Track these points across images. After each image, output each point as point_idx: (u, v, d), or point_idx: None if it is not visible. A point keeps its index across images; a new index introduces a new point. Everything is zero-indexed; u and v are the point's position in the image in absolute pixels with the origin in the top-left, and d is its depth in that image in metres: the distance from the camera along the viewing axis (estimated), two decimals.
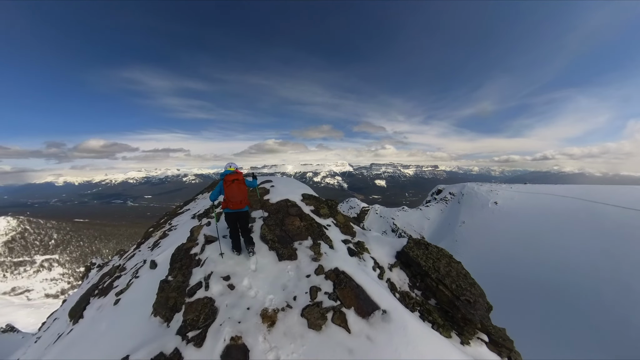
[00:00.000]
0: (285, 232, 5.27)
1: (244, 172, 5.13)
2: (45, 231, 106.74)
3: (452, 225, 23.61)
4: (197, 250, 5.05)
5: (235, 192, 4.62)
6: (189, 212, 11.13)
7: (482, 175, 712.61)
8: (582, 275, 12.48)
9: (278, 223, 5.56)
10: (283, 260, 4.62)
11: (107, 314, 5.42)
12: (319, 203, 6.93)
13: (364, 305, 3.57)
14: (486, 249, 18.58)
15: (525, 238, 17.45)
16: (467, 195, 26.06)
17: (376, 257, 5.49)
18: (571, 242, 15.14)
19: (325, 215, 6.47)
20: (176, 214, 12.28)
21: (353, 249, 5.44)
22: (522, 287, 13.75)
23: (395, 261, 5.49)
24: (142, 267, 6.47)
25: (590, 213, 16.63)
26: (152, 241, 8.64)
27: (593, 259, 12.94)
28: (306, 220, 5.71)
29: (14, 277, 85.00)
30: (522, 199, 22.13)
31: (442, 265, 5.02)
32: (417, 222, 28.45)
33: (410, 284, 5.06)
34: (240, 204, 4.67)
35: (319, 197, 7.47)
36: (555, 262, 14.20)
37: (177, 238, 7.01)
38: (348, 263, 4.52)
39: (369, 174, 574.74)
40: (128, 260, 8.23)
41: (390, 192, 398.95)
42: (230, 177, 4.68)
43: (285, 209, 6.14)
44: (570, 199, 19.34)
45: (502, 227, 19.61)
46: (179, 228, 8.33)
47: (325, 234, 5.44)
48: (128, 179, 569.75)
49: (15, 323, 35.95)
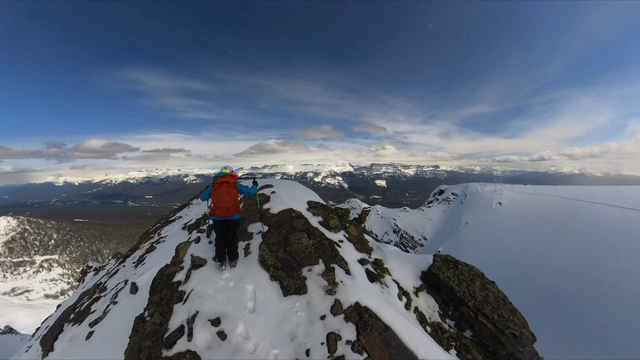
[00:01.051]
0: (291, 255, 4.30)
1: (243, 173, 4.46)
2: (45, 231, 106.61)
3: (455, 226, 23.27)
4: (181, 277, 4.11)
5: (222, 196, 4.03)
6: (180, 220, 10.31)
7: (485, 175, 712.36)
8: (586, 277, 12.23)
9: (281, 241, 4.62)
10: (289, 294, 3.62)
11: (78, 351, 4.80)
12: (327, 213, 5.89)
13: (397, 356, 2.81)
14: (491, 250, 18.27)
15: (530, 239, 17.16)
16: (470, 195, 25.72)
17: (399, 280, 4.61)
18: (575, 243, 14.91)
19: (335, 228, 5.45)
20: (168, 221, 11.55)
21: (372, 271, 4.53)
22: (527, 289, 13.47)
23: (421, 284, 4.65)
24: (122, 289, 5.71)
25: (592, 214, 16.39)
26: (138, 255, 7.96)
27: (597, 261, 12.70)
28: (315, 237, 4.75)
29: (13, 278, 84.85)
30: (526, 199, 21.81)
31: (477, 288, 4.25)
32: (419, 222, 28.13)
33: (440, 311, 4.27)
34: (227, 211, 4.04)
35: (327, 205, 6.43)
36: (560, 264, 13.93)
37: (163, 254, 6.16)
38: (370, 294, 3.70)
39: (370, 174, 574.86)
40: (110, 277, 7.58)
41: (391, 192, 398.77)
42: (219, 180, 4.13)
43: (289, 222, 5.13)
44: (573, 201, 19.07)
45: (507, 228, 19.27)
46: (168, 241, 7.56)
47: (338, 254, 4.51)
48: (129, 179, 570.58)
49: (15, 323, 35.73)
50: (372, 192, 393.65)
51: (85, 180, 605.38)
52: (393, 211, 32.51)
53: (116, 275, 7.41)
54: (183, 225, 8.24)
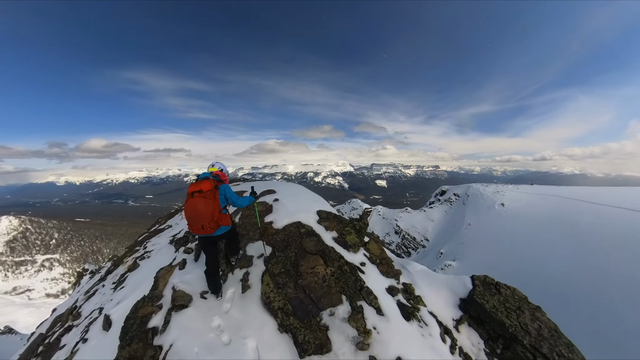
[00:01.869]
0: (304, 291, 3.22)
1: (244, 173, 3.53)
2: (46, 231, 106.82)
3: (457, 227, 23.20)
4: (158, 322, 3.11)
5: (194, 210, 2.97)
6: (169, 230, 8.75)
7: (484, 175, 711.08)
8: (593, 279, 12.12)
9: (290, 270, 3.54)
10: (308, 356, 2.63)
11: None
12: (342, 226, 4.78)
13: None
14: (494, 251, 18.19)
15: (533, 241, 17.06)
16: (472, 196, 25.64)
17: (435, 311, 3.82)
18: (581, 245, 14.79)
19: (354, 246, 4.40)
20: (157, 230, 9.95)
21: (405, 303, 3.68)
22: (533, 292, 13.35)
23: (461, 315, 3.84)
24: (95, 321, 4.72)
25: (598, 216, 16.29)
26: (120, 272, 6.97)
27: (605, 263, 12.59)
28: (333, 262, 3.73)
29: (15, 277, 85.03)
30: (529, 200, 21.71)
31: (528, 319, 3.52)
32: (421, 223, 28.05)
33: (487, 349, 3.53)
34: (202, 230, 3.03)
35: (341, 216, 5.32)
36: (566, 266, 13.83)
37: (144, 276, 5.06)
38: (411, 341, 2.98)
39: (370, 174, 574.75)
40: (87, 300, 6.53)
41: (391, 193, 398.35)
42: (192, 189, 3.09)
43: (297, 240, 4.10)
44: (578, 202, 18.96)
45: (509, 229, 19.18)
46: (152, 257, 6.53)
47: (364, 286, 3.51)
48: (129, 178, 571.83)
49: (16, 322, 35.78)
50: (373, 192, 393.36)
51: (86, 180, 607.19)
52: (395, 212, 32.43)
53: (93, 299, 6.45)
54: (171, 237, 7.01)
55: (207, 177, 3.35)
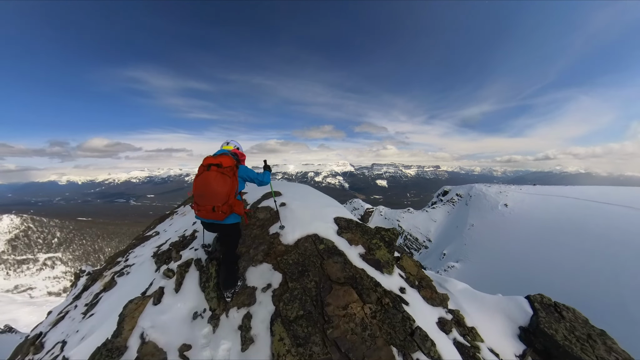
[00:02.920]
0: (338, 348, 2.15)
1: None
2: (48, 229, 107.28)
3: (460, 228, 23.01)
4: None
5: (207, 187, 2.43)
6: (156, 239, 7.37)
7: (484, 175, 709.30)
8: (604, 282, 11.91)
9: (312, 313, 2.41)
10: None
11: None
12: (368, 237, 3.63)
13: None
14: (497, 253, 17.99)
15: (537, 242, 16.85)
16: (475, 196, 25.43)
17: (495, 347, 3.07)
18: (590, 246, 14.54)
19: (388, 265, 3.28)
20: (144, 237, 8.45)
21: (463, 342, 2.82)
22: (533, 288, 13.19)
23: (524, 350, 3.08)
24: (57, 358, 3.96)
25: (607, 216, 16.04)
26: (96, 290, 5.80)
27: (615, 265, 12.37)
28: (369, 294, 2.63)
29: (17, 275, 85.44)
30: (533, 201, 21.48)
31: (603, 349, 2.83)
32: (423, 224, 27.86)
33: None
34: (212, 213, 2.46)
35: (363, 224, 4.10)
36: (575, 268, 13.61)
37: (116, 303, 4.12)
38: None
39: (370, 174, 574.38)
40: (55, 327, 5.46)
41: (392, 192, 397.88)
42: (207, 161, 2.58)
43: (317, 262, 2.95)
44: (585, 202, 18.71)
45: (513, 230, 18.98)
46: (132, 274, 5.45)
47: (414, 326, 2.49)
48: (131, 178, 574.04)
49: (17, 321, 35.87)
50: (373, 192, 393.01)
51: (88, 179, 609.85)
52: (397, 212, 32.25)
53: (61, 325, 5.39)
54: (155, 249, 5.89)
55: (226, 153, 2.74)
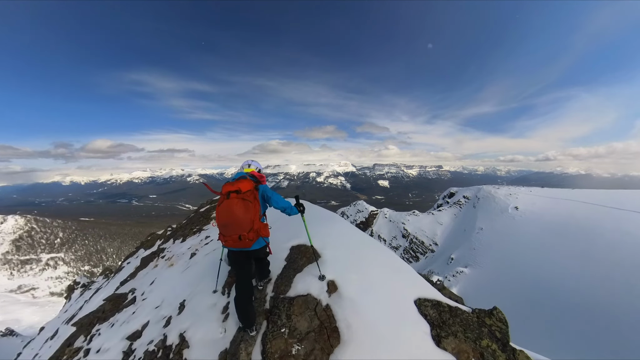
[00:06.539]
0: None
1: None
2: (51, 230, 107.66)
3: (468, 232, 22.45)
4: None
5: (228, 216, 2.34)
6: (130, 311, 4.51)
7: (488, 175, 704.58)
8: (618, 288, 11.42)
9: None
10: None
11: None
12: (474, 337, 2.23)
13: None
14: (508, 258, 17.44)
15: (550, 248, 16.31)
16: (483, 199, 24.86)
17: None
18: (597, 252, 14.06)
19: None
20: (116, 298, 5.58)
21: None
22: (552, 299, 12.68)
23: None
24: None
25: (618, 221, 15.52)
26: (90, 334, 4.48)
27: (629, 271, 11.88)
28: None
29: (20, 275, 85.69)
30: (543, 204, 20.90)
31: None
32: (429, 227, 27.32)
33: None
34: (239, 242, 2.37)
35: (456, 308, 2.55)
36: (587, 274, 13.11)
37: None
38: None
39: (372, 174, 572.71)
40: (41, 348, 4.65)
41: (394, 193, 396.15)
42: (227, 188, 2.50)
43: None
44: (596, 206, 18.14)
45: (524, 235, 18.42)
46: None
47: None
48: (133, 178, 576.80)
49: (20, 321, 35.77)
50: (375, 193, 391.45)
51: (91, 180, 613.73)
52: (402, 215, 31.71)
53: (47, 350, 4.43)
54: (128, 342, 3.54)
55: (244, 176, 2.70)
